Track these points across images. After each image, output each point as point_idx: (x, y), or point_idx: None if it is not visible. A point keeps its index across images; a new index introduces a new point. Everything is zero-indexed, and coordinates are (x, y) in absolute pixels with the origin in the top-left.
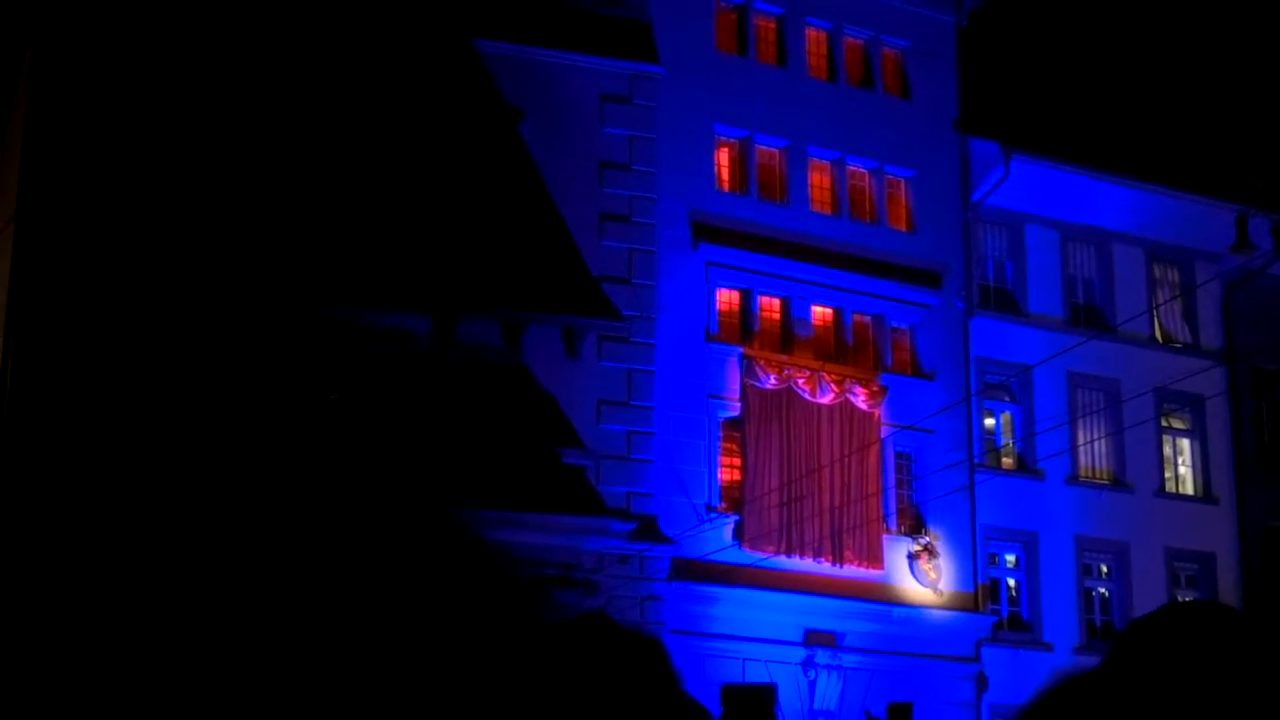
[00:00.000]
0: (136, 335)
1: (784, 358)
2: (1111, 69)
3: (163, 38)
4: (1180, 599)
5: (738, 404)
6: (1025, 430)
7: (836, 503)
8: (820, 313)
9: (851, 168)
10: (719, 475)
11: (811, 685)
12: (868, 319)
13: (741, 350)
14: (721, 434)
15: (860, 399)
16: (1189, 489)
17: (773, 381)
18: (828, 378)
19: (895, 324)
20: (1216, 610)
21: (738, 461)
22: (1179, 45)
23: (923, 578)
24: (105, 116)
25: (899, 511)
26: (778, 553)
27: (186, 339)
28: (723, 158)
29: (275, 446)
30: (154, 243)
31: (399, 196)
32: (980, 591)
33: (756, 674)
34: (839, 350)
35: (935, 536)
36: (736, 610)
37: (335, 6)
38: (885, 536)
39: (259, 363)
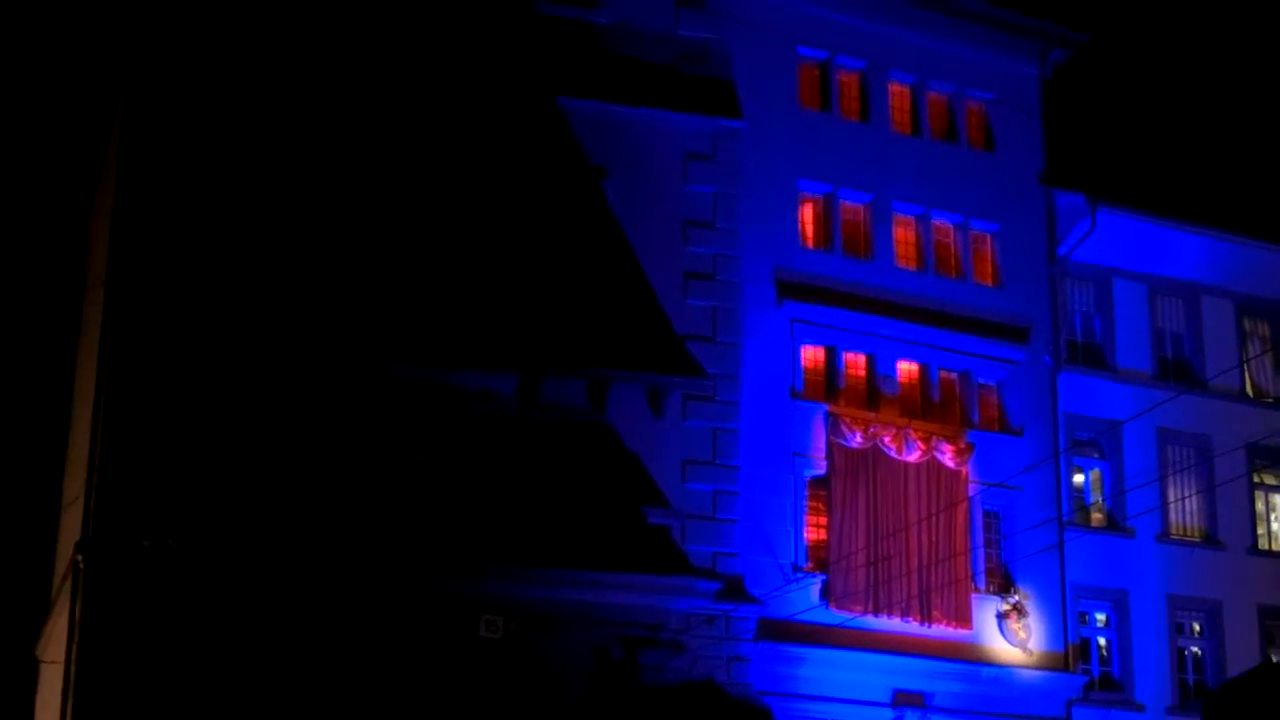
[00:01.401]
0: (227, 396)
1: (870, 415)
2: (1197, 120)
3: (253, 98)
4: (1274, 658)
5: (824, 462)
6: (1115, 487)
7: (924, 561)
8: (906, 369)
9: (936, 222)
10: (805, 534)
11: None
12: (954, 375)
13: (827, 408)
14: (807, 492)
15: (947, 456)
16: None
17: (859, 439)
18: (914, 435)
19: (982, 380)
20: None
21: (824, 520)
22: (1265, 96)
23: (1012, 637)
24: (195, 179)
25: (987, 570)
26: (865, 612)
27: (277, 399)
28: (807, 214)
29: (366, 503)
30: (243, 302)
31: (484, 256)
32: (1070, 651)
33: None
34: (925, 407)
35: (1025, 595)
36: (824, 671)
37: (424, 66)
38: (974, 595)
39: (350, 422)
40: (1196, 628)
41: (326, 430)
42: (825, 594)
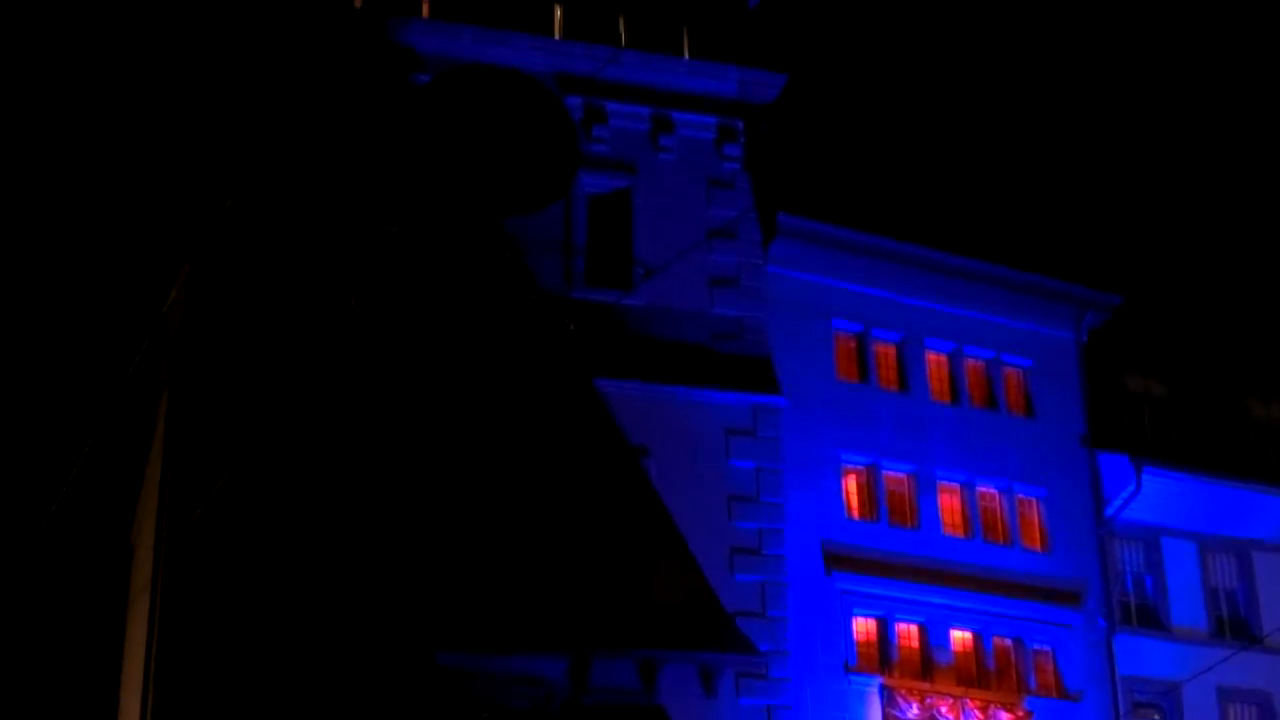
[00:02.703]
0: (275, 689)
1: (925, 685)
2: (1236, 374)
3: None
4: None
5: None
6: None
7: None
8: (960, 638)
9: (981, 489)
10: None
11: None
12: (1008, 641)
13: (882, 680)
14: None
15: None
16: None
17: (915, 711)
18: (972, 704)
19: (1037, 645)
20: None
21: None
22: None
23: None
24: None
25: None
26: None
27: (320, 698)
28: (850, 484)
29: None
30: (287, 605)
31: (529, 539)
32: None
33: None
34: (981, 675)
35: None
36: None
37: (461, 350)
38: None
39: (395, 714)
40: None
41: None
42: None
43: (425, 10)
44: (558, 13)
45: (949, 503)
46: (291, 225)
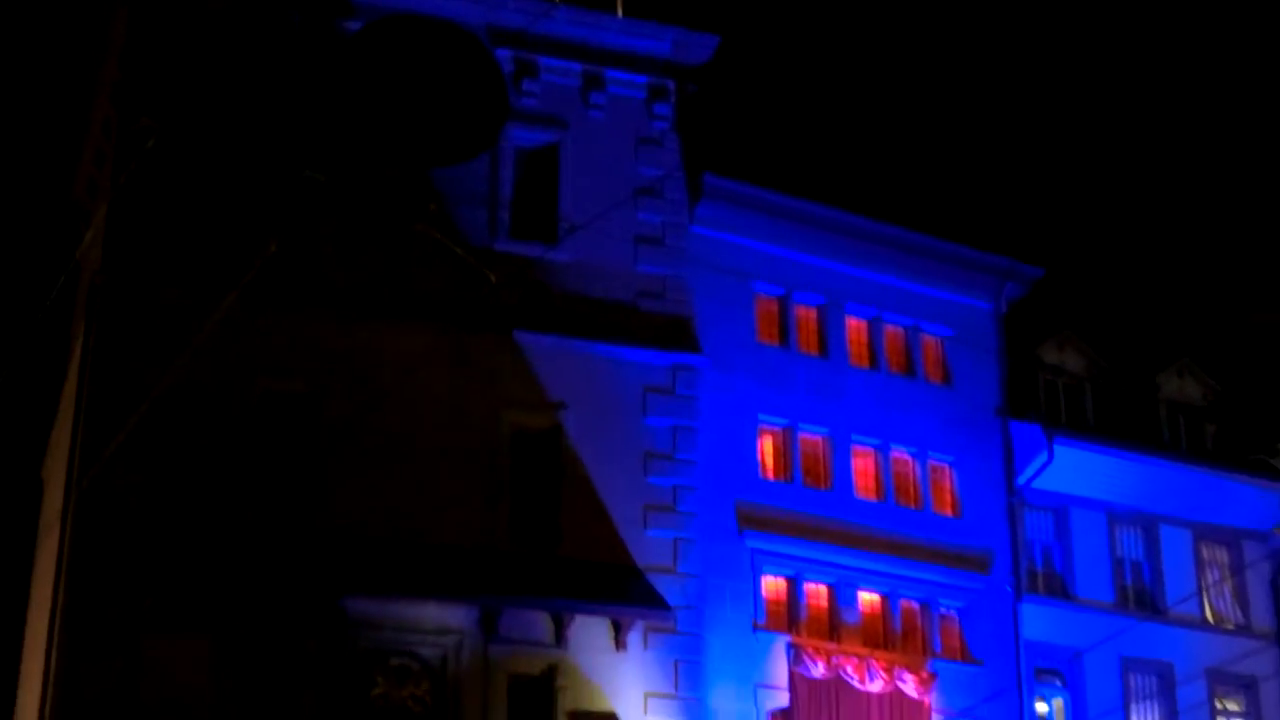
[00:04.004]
0: (181, 624)
1: (832, 645)
2: (1151, 350)
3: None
4: None
5: (786, 693)
6: (1078, 716)
7: None
8: (868, 599)
9: (895, 454)
10: None
11: None
12: (915, 605)
13: (789, 638)
14: None
15: (910, 686)
16: None
17: (821, 670)
18: (877, 665)
19: (943, 609)
20: None
21: None
22: (1220, 329)
23: None
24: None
25: None
26: None
27: (229, 633)
28: (766, 445)
29: None
30: (197, 536)
31: (441, 488)
32: None
33: None
34: (887, 637)
35: None
36: None
37: (379, 297)
38: None
39: (300, 656)
40: None
41: (277, 665)
42: None
43: None
44: None
45: (863, 466)
46: (213, 165)
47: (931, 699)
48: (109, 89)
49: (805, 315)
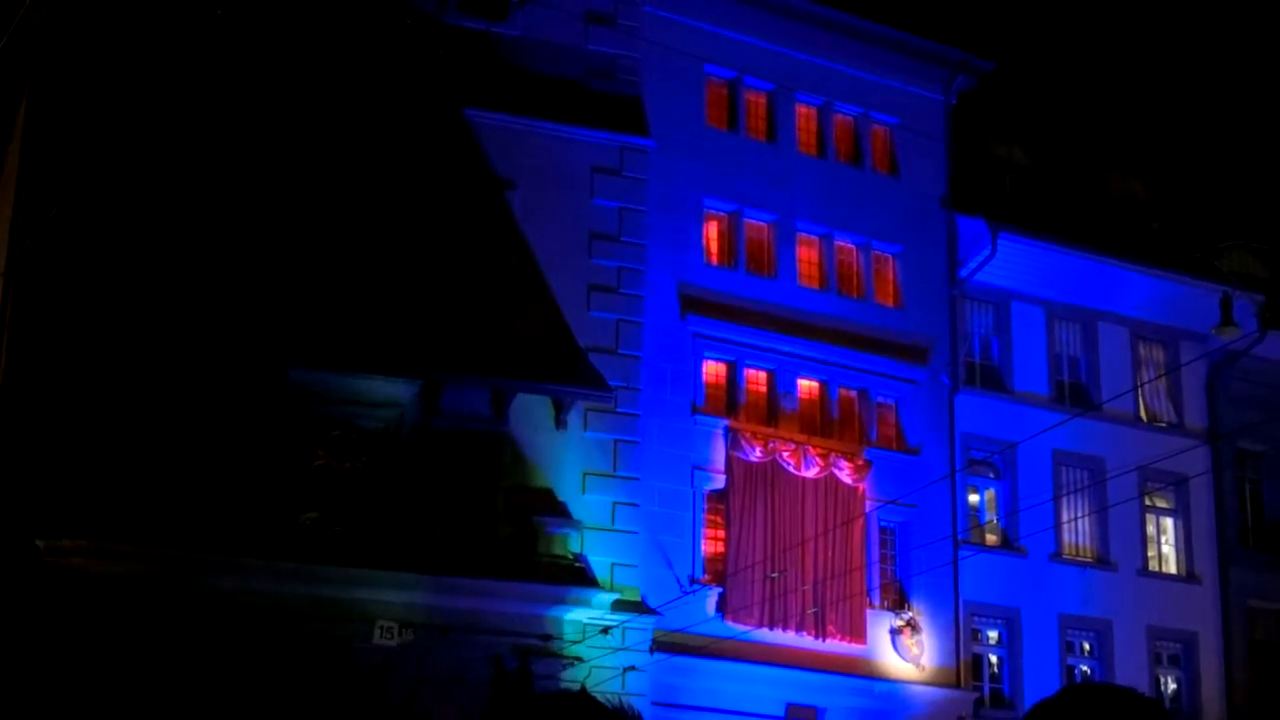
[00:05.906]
0: (121, 396)
1: (769, 430)
2: (1099, 148)
3: (160, 99)
4: (1163, 678)
5: (723, 476)
6: (1009, 507)
7: (820, 576)
8: (806, 386)
9: (839, 243)
10: (703, 547)
11: None
12: (853, 393)
13: (727, 422)
14: (706, 506)
15: (845, 473)
16: (1172, 568)
17: (758, 454)
18: (813, 451)
19: (881, 399)
20: (1114, 694)
21: (722, 534)
22: (1167, 128)
23: (905, 653)
24: (97, 180)
25: (882, 586)
26: (760, 625)
27: (171, 398)
28: (711, 231)
29: (261, 506)
30: (141, 302)
31: (388, 264)
32: (963, 667)
33: None
34: (824, 424)
35: (918, 612)
36: (718, 683)
37: (329, 74)
38: (868, 611)
39: (244, 424)
40: (1086, 647)
41: (222, 435)
42: (721, 607)
43: None
44: None
45: (807, 254)
46: None
47: (866, 486)
48: None
49: (755, 100)
